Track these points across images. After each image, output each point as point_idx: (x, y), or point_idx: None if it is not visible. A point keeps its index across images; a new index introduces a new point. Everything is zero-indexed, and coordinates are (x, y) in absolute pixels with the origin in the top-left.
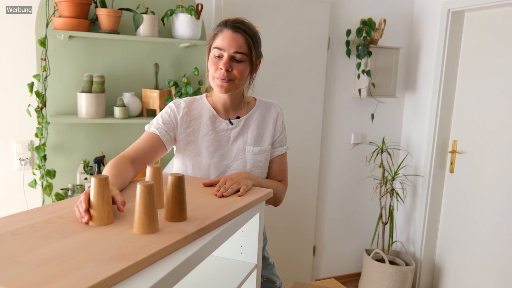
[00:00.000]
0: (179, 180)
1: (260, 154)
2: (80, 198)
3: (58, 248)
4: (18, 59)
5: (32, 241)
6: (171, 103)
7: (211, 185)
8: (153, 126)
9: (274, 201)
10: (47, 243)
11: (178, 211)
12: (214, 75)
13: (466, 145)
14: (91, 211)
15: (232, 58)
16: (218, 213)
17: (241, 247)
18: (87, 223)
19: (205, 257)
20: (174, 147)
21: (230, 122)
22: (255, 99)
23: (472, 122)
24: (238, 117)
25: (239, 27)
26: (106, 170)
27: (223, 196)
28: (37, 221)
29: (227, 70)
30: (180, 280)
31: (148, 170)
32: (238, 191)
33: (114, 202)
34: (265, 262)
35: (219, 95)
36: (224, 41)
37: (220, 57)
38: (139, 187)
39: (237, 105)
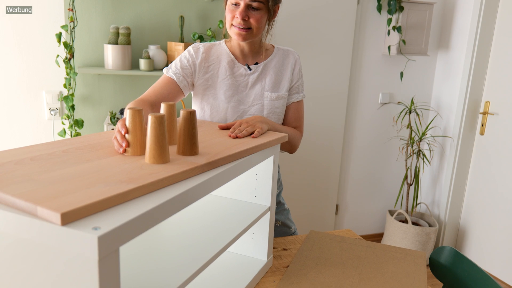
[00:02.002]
0: (191, 115)
1: (278, 100)
2: (117, 128)
3: (72, 172)
4: (46, 9)
5: (49, 165)
6: (190, 48)
7: (227, 128)
8: (171, 71)
9: (290, 147)
10: (63, 168)
11: (190, 145)
12: (232, 22)
13: (498, 106)
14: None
15: (248, 7)
16: (230, 150)
17: (255, 189)
18: (124, 151)
19: (213, 189)
20: (192, 92)
21: (248, 67)
22: (273, 46)
23: (506, 82)
24: (256, 63)
25: None
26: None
27: (237, 137)
28: (55, 150)
29: (243, 19)
30: (194, 219)
31: (162, 106)
32: (252, 133)
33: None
34: (280, 208)
35: (238, 42)
36: None
37: (237, 4)
38: (150, 118)
39: (255, 51)
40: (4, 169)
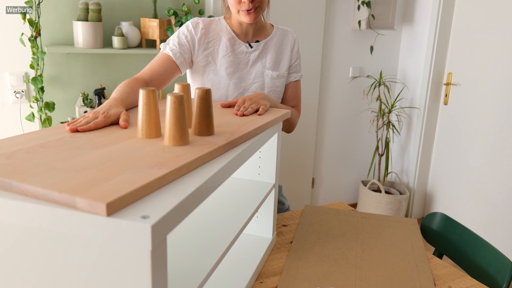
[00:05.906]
0: (207, 93)
1: (278, 79)
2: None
3: (93, 158)
4: None
5: (65, 152)
6: (188, 22)
7: (229, 106)
8: (168, 47)
9: (289, 126)
10: (81, 154)
11: (206, 124)
12: (239, 8)
13: (460, 77)
14: (141, 124)
15: None
16: (244, 128)
17: (259, 167)
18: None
19: (237, 168)
20: (188, 71)
21: (249, 45)
22: (272, 26)
23: (467, 54)
24: (257, 41)
25: None
26: (118, 89)
27: (243, 115)
28: (62, 136)
29: (251, 1)
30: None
31: (177, 87)
32: (257, 111)
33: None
34: None
35: (239, 20)
36: None
37: None
38: (169, 98)
39: (256, 29)
40: (16, 158)
